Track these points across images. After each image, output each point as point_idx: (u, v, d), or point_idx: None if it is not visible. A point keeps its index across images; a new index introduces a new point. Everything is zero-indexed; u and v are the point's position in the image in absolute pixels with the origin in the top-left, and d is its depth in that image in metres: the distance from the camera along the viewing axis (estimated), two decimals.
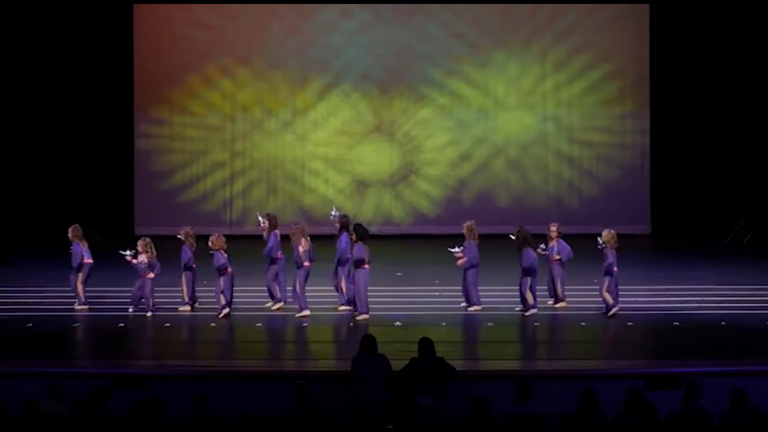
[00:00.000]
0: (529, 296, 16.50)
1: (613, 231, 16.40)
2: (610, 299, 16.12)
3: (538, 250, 16.86)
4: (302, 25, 26.29)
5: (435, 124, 26.43)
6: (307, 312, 16.40)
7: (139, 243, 16.83)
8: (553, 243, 17.16)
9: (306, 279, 16.50)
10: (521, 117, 26.40)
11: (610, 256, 16.07)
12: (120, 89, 25.74)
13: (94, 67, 25.35)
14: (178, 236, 16.99)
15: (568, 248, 17.10)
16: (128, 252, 16.70)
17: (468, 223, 17.06)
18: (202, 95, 26.28)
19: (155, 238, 17.26)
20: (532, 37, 26.25)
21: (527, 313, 16.40)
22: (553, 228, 17.28)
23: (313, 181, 26.44)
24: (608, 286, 16.11)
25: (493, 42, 26.32)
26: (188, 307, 16.85)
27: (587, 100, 26.40)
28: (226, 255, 16.54)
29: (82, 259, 17.05)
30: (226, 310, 16.32)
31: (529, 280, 16.49)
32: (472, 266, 16.72)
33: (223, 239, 16.70)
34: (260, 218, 17.69)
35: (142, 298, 16.68)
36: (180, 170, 26.36)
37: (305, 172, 26.44)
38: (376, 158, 26.41)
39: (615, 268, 16.06)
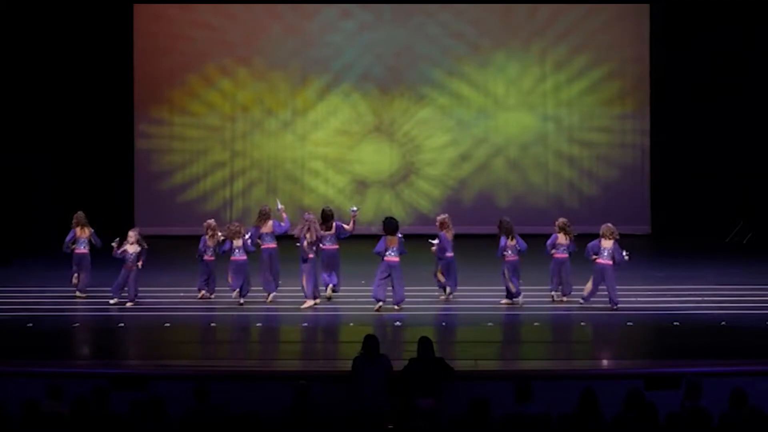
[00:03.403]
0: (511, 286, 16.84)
1: (611, 225, 16.69)
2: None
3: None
4: (302, 25, 26.29)
5: (435, 124, 26.43)
6: (310, 302, 16.59)
7: (132, 233, 16.93)
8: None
9: (313, 271, 16.72)
10: (521, 117, 26.40)
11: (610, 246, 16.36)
12: (120, 89, 25.74)
13: (94, 67, 25.35)
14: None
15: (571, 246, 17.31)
16: (116, 241, 16.92)
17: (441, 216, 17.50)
18: (202, 95, 26.28)
19: (155, 238, 17.29)
20: (532, 37, 26.24)
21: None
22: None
23: (313, 181, 26.43)
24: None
25: (493, 42, 26.32)
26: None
27: (587, 100, 26.40)
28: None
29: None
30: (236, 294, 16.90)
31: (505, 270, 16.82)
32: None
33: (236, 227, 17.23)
34: (278, 203, 18.27)
35: (125, 286, 16.74)
36: (180, 170, 26.36)
37: (305, 172, 26.43)
38: (376, 158, 26.41)
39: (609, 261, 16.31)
